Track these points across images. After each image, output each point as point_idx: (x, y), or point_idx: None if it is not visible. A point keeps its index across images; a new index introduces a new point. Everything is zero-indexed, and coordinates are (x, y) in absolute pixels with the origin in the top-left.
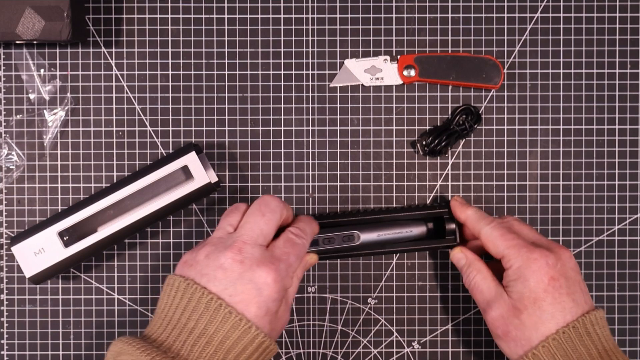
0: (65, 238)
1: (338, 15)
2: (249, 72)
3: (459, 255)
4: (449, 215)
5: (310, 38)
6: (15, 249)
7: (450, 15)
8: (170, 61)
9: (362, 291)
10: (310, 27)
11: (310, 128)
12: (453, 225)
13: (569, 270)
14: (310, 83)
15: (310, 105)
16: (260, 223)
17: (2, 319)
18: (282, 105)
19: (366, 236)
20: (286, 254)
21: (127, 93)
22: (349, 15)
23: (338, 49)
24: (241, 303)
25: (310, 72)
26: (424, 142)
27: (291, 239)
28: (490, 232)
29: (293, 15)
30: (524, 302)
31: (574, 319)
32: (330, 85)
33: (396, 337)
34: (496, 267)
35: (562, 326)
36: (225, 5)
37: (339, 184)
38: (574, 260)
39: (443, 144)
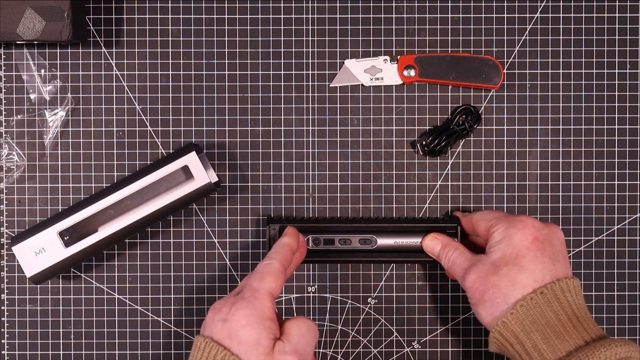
0: (65, 238)
1: (338, 15)
2: (249, 72)
3: (433, 242)
4: (454, 231)
5: (310, 38)
6: (15, 249)
7: (450, 15)
8: (170, 61)
9: (362, 291)
10: (310, 27)
11: (310, 128)
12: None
13: (555, 239)
14: (310, 83)
15: (310, 105)
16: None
17: (2, 319)
18: (282, 105)
19: (383, 241)
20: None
21: (127, 93)
22: (349, 15)
23: (338, 49)
24: None
25: (310, 72)
26: (424, 142)
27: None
28: (481, 212)
29: (293, 15)
30: (506, 258)
31: (550, 281)
32: (330, 85)
33: (396, 337)
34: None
35: (540, 285)
36: (225, 5)
37: (339, 184)
38: (562, 235)
39: (443, 144)
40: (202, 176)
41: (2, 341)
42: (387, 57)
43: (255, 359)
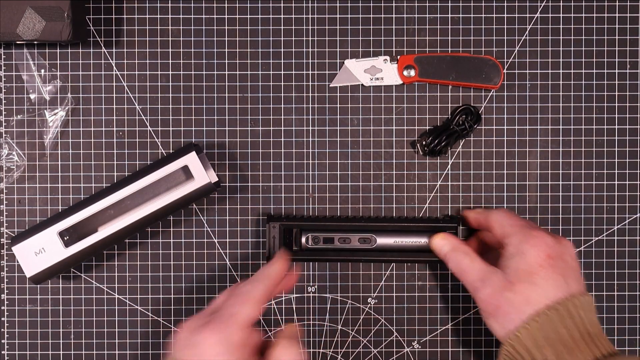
0: (65, 238)
1: (338, 15)
2: (249, 72)
3: (442, 242)
4: (454, 231)
5: (310, 38)
6: (15, 249)
7: (450, 15)
8: (170, 61)
9: (362, 291)
10: (310, 27)
11: (310, 128)
12: None
13: (567, 255)
14: (310, 83)
15: (310, 105)
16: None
17: (2, 319)
18: (282, 105)
19: (382, 240)
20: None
21: (127, 93)
22: (349, 15)
23: (338, 49)
24: None
25: (310, 72)
26: (424, 142)
27: None
28: (497, 213)
29: (293, 15)
30: (519, 275)
31: (564, 298)
32: (330, 85)
33: (396, 337)
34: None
35: (553, 302)
36: (225, 5)
37: (339, 184)
38: (574, 251)
39: (443, 144)
40: (202, 176)
41: (2, 341)
42: (387, 57)
43: None
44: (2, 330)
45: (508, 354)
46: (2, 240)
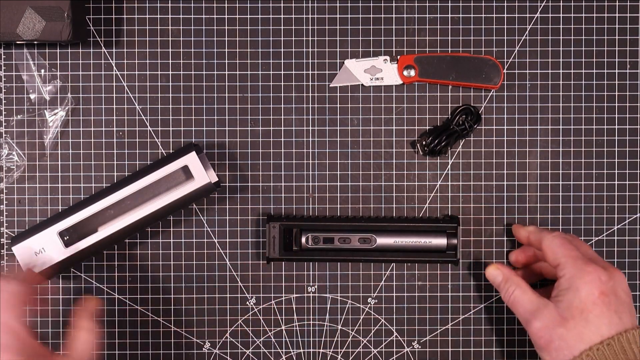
0: (65, 238)
1: (338, 15)
2: (249, 72)
3: (495, 272)
4: (454, 231)
5: (310, 38)
6: (15, 249)
7: (450, 15)
8: (170, 61)
9: (362, 291)
10: (310, 27)
11: (310, 128)
12: (455, 241)
13: (620, 290)
14: (310, 83)
15: (310, 105)
16: None
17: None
18: (282, 105)
19: (382, 240)
20: None
21: (127, 93)
22: (349, 15)
23: (338, 49)
24: None
25: (310, 72)
26: (424, 142)
27: None
28: (552, 240)
29: (293, 15)
30: (572, 312)
31: (617, 334)
32: (330, 85)
33: (396, 337)
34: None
35: (607, 337)
36: (225, 5)
37: (339, 184)
38: (626, 283)
39: (443, 144)
40: (202, 176)
41: None
42: (387, 57)
43: None
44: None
45: None
46: (2, 240)
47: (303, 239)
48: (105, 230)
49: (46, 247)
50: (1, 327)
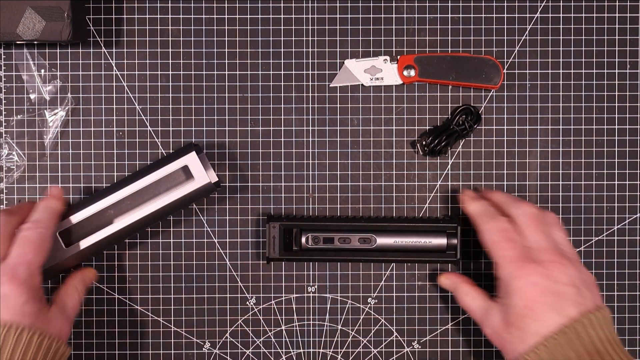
0: (65, 238)
1: (338, 15)
2: (249, 72)
3: (446, 282)
4: (454, 231)
5: (310, 38)
6: None
7: (450, 15)
8: (170, 61)
9: (362, 291)
10: (310, 27)
11: (310, 128)
12: (455, 241)
13: (560, 286)
14: (310, 83)
15: (310, 105)
16: None
17: None
18: (282, 105)
19: (382, 240)
20: (21, 255)
21: (127, 93)
22: (349, 15)
23: (338, 49)
24: None
25: (310, 72)
26: (424, 142)
27: (24, 236)
28: (489, 236)
29: (293, 15)
30: (511, 317)
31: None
32: (330, 85)
33: (396, 337)
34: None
35: (562, 324)
36: (225, 5)
37: (339, 184)
38: (568, 274)
39: (443, 144)
40: (202, 176)
41: None
42: (387, 57)
43: None
44: None
45: None
46: None
47: (303, 239)
48: (105, 231)
49: None
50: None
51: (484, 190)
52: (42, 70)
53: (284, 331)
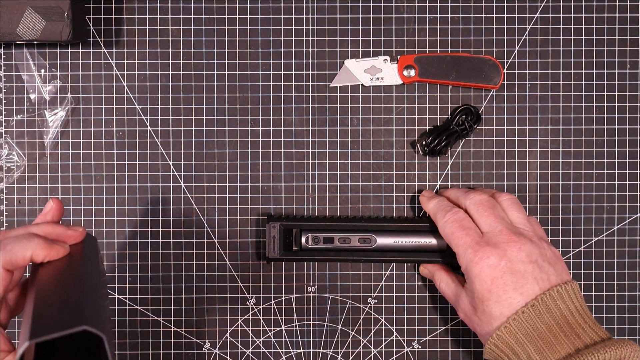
0: None
1: (338, 15)
2: (249, 72)
3: (424, 272)
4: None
5: (310, 38)
6: None
7: (450, 15)
8: (170, 61)
9: (362, 291)
10: (310, 27)
11: (310, 128)
12: (444, 243)
13: (517, 264)
14: (310, 83)
15: (310, 105)
16: None
17: None
18: (282, 105)
19: (382, 240)
20: None
21: (127, 93)
22: (349, 15)
23: (338, 49)
24: None
25: (310, 72)
26: (424, 142)
27: None
28: (443, 229)
29: (293, 15)
30: (475, 302)
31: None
32: (330, 85)
33: (396, 337)
34: None
35: (531, 298)
36: (225, 5)
37: (339, 184)
38: (525, 252)
39: (443, 144)
40: None
41: None
42: (387, 57)
43: None
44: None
45: (491, 352)
46: None
47: (303, 239)
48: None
49: None
50: None
51: (440, 189)
52: (42, 70)
53: (284, 331)
